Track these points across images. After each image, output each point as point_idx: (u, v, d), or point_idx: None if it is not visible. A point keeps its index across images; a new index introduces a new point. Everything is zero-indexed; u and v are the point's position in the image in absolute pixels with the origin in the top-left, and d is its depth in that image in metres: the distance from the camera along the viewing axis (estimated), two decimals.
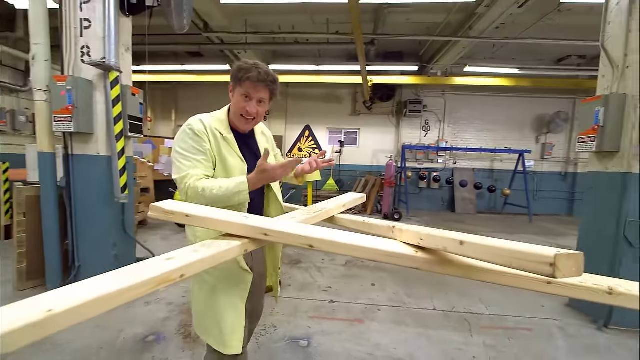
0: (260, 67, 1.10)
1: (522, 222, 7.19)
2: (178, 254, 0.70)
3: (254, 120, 1.18)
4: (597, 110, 2.43)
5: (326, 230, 0.77)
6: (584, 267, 0.50)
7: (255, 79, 1.08)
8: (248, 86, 1.10)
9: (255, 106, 1.14)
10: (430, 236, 0.69)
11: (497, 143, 8.54)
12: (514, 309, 2.67)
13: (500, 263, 0.53)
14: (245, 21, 5.90)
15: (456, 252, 0.62)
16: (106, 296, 0.51)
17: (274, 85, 1.14)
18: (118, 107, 2.60)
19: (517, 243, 0.53)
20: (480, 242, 0.57)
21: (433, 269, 0.69)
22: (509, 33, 5.90)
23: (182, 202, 0.91)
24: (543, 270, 0.46)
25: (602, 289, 0.64)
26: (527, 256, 0.49)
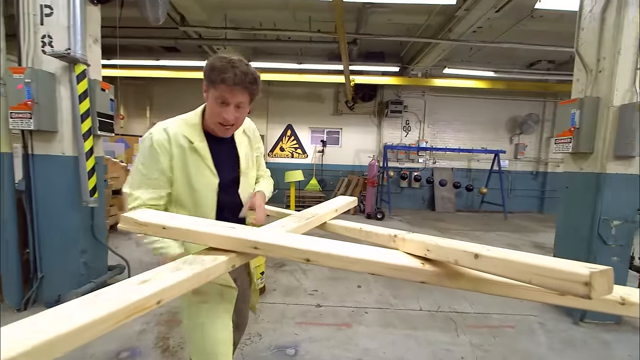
0: (237, 66, 0.94)
1: (497, 220, 7.47)
2: (155, 274, 0.60)
3: (233, 127, 1.04)
4: (573, 112, 2.52)
5: (322, 241, 0.69)
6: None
7: (232, 81, 0.92)
8: (223, 90, 0.94)
9: (232, 112, 0.98)
10: (438, 247, 0.63)
11: (474, 143, 8.83)
12: (496, 306, 2.73)
13: (523, 280, 0.48)
14: (225, 16, 5.69)
15: (470, 266, 0.57)
16: (56, 339, 0.42)
17: (253, 87, 0.98)
18: (85, 103, 2.38)
19: (541, 257, 0.49)
20: (498, 256, 0.52)
21: (442, 282, 0.64)
22: (486, 37, 6.09)
23: (158, 210, 0.80)
24: (576, 290, 0.42)
25: (614, 299, 0.61)
26: (556, 274, 0.44)
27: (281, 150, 9.04)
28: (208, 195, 1.04)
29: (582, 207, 2.56)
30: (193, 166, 1.01)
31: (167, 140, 0.98)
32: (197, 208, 1.04)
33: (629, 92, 2.36)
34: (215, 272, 0.66)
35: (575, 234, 2.61)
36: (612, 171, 2.41)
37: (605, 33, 2.44)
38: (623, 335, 2.35)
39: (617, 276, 2.30)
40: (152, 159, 0.97)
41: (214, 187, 1.04)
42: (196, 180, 1.02)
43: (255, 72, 0.99)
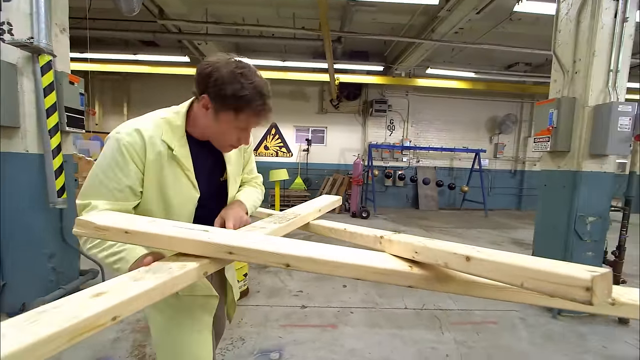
0: (265, 93, 0.81)
1: (478, 217, 7.66)
2: (112, 285, 0.53)
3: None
4: (550, 112, 2.59)
5: (303, 244, 0.64)
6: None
7: (265, 113, 0.83)
8: (250, 121, 0.82)
9: (250, 135, 0.91)
10: (427, 249, 0.59)
11: (456, 142, 9.02)
12: (479, 303, 2.76)
13: (515, 284, 0.44)
14: (206, 10, 5.52)
15: (460, 270, 0.53)
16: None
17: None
18: (52, 96, 2.22)
19: (535, 260, 0.46)
20: (490, 259, 0.48)
21: (432, 286, 0.60)
22: (467, 38, 6.21)
23: (120, 213, 0.72)
24: (576, 296, 0.39)
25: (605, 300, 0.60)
26: (553, 277, 0.41)
27: (265, 149, 8.91)
28: (183, 213, 0.88)
29: (559, 205, 2.63)
30: (170, 177, 0.85)
31: (140, 145, 0.80)
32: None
33: (602, 92, 2.44)
34: (184, 280, 0.59)
35: (553, 231, 2.68)
36: (587, 169, 2.49)
37: (581, 35, 2.51)
38: (597, 327, 2.43)
39: None
40: (117, 166, 0.78)
41: (193, 202, 0.89)
42: (173, 193, 0.85)
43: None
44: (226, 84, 0.77)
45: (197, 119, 0.87)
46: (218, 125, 0.83)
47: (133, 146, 0.79)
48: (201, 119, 0.86)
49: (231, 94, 0.77)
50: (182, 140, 0.87)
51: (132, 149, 0.79)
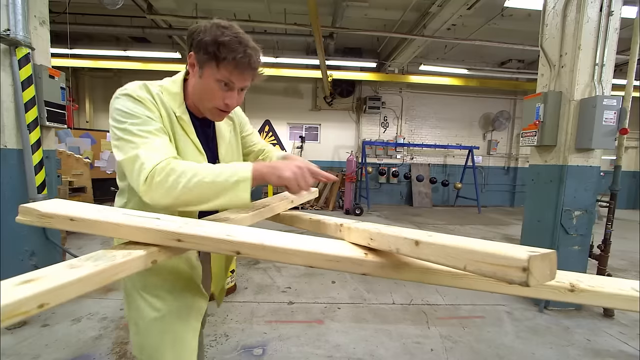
0: (249, 44, 0.77)
1: (472, 214, 7.69)
2: (46, 272, 0.50)
3: (228, 112, 0.88)
4: (537, 106, 2.58)
5: (255, 231, 0.62)
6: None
7: (247, 64, 0.77)
8: (232, 72, 0.77)
9: (237, 97, 0.83)
10: (381, 235, 0.58)
11: (449, 139, 9.04)
12: (467, 297, 2.77)
13: (458, 267, 0.43)
14: (196, 5, 5.45)
15: (411, 255, 0.51)
16: None
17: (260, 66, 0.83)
18: (30, 90, 2.17)
19: (479, 242, 0.44)
20: (437, 242, 0.46)
21: (386, 274, 0.58)
22: (459, 35, 6.21)
23: (66, 200, 0.69)
24: (513, 277, 0.37)
25: (563, 286, 0.58)
26: (491, 258, 0.39)
27: None
28: None
29: (546, 199, 2.64)
30: (179, 139, 0.82)
31: (150, 99, 0.78)
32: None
33: (588, 86, 2.44)
34: (128, 269, 0.56)
35: (540, 225, 2.69)
36: (573, 163, 2.50)
37: (567, 29, 2.50)
38: (582, 321, 2.44)
39: (578, 264, 2.36)
40: (141, 108, 0.75)
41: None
42: (182, 156, 0.81)
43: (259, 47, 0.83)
44: (207, 32, 0.75)
45: (189, 85, 0.86)
46: (202, 83, 0.80)
47: (143, 96, 0.77)
48: (190, 82, 0.85)
49: (211, 40, 0.74)
50: (182, 107, 0.85)
51: (147, 99, 0.77)
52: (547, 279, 0.38)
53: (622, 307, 0.59)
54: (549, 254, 0.38)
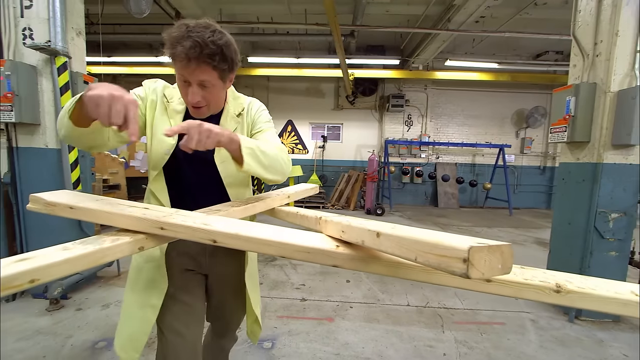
0: (193, 36, 0.74)
1: (502, 216, 7.28)
2: (41, 253, 0.56)
3: (206, 108, 0.89)
4: (568, 99, 2.39)
5: (232, 222, 0.64)
6: (552, 263, 0.40)
7: (184, 55, 0.74)
8: (179, 67, 0.78)
9: (197, 93, 0.82)
10: (350, 228, 0.57)
11: (478, 137, 8.62)
12: (488, 302, 2.63)
13: (409, 258, 0.42)
14: (220, 10, 5.66)
15: (374, 247, 0.51)
16: None
17: (215, 60, 0.77)
18: (67, 95, 2.38)
19: (432, 233, 0.42)
20: (394, 234, 0.46)
21: (356, 266, 0.58)
22: (488, 27, 5.90)
23: (68, 191, 0.76)
24: (454, 268, 0.36)
25: (548, 287, 0.54)
26: (436, 249, 0.38)
27: None
28: (157, 155, 0.91)
29: (578, 200, 2.44)
30: (158, 120, 0.93)
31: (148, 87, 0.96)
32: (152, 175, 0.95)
33: (627, 76, 2.22)
34: (115, 253, 0.61)
35: (570, 229, 2.49)
36: (609, 161, 2.28)
37: (602, 14, 2.29)
38: (620, 334, 2.23)
39: (615, 272, 2.17)
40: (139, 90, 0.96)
41: (167, 147, 0.90)
42: (154, 132, 0.92)
43: (221, 41, 0.78)
44: (164, 35, 0.78)
45: None
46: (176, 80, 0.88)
47: (146, 85, 0.97)
48: None
49: (165, 38, 0.78)
50: (181, 100, 0.94)
51: (146, 86, 0.97)
52: (496, 272, 0.36)
53: (618, 312, 0.54)
54: (499, 246, 0.37)
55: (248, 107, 1.05)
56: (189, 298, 0.98)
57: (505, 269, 0.37)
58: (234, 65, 0.85)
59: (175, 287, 0.96)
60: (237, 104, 1.03)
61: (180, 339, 0.92)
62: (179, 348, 0.91)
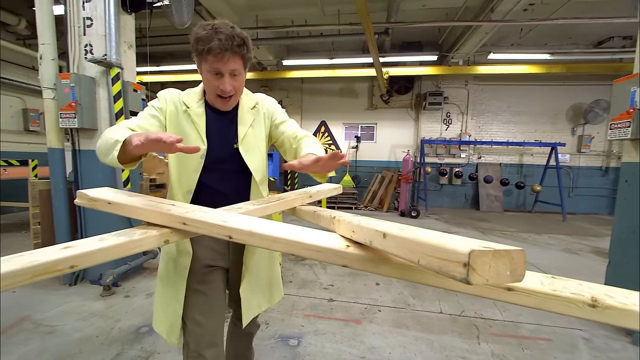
0: (222, 31, 0.87)
1: (554, 222, 6.62)
2: (80, 242, 0.63)
3: (233, 97, 1.00)
4: (633, 90, 2.11)
5: (247, 219, 0.67)
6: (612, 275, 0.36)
7: (219, 49, 0.86)
8: (213, 61, 0.89)
9: (229, 82, 0.93)
10: (360, 227, 0.56)
11: (526, 136, 7.94)
12: (532, 316, 2.41)
13: (413, 260, 0.40)
14: (256, 16, 5.88)
15: (381, 248, 0.49)
16: None
17: (243, 50, 0.91)
18: (119, 102, 2.65)
19: (437, 235, 0.40)
20: (399, 235, 0.44)
21: (365, 267, 0.57)
22: (538, 14, 5.41)
23: (110, 188, 0.84)
24: (455, 273, 0.33)
25: (582, 300, 0.49)
26: (438, 252, 0.35)
27: None
28: (191, 164, 1.00)
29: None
30: (184, 128, 1.00)
31: (164, 97, 1.04)
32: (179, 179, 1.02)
33: None
34: (144, 245, 0.67)
35: (635, 237, 2.18)
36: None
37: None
38: None
39: None
40: (155, 101, 1.04)
41: (200, 154, 0.99)
42: (185, 138, 0.98)
43: (243, 34, 0.93)
44: (194, 37, 0.90)
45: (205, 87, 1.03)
46: (203, 78, 0.97)
47: (162, 95, 1.05)
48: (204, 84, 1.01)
49: (193, 39, 0.90)
50: (199, 103, 1.04)
51: (161, 97, 1.04)
52: (505, 280, 0.33)
53: None
54: (507, 251, 0.34)
55: (261, 101, 1.15)
56: (210, 291, 1.05)
57: (515, 277, 0.34)
58: (251, 57, 0.99)
59: (198, 281, 1.04)
60: (249, 98, 1.12)
61: (200, 328, 0.99)
62: (199, 336, 0.98)
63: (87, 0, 2.57)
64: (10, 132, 6.04)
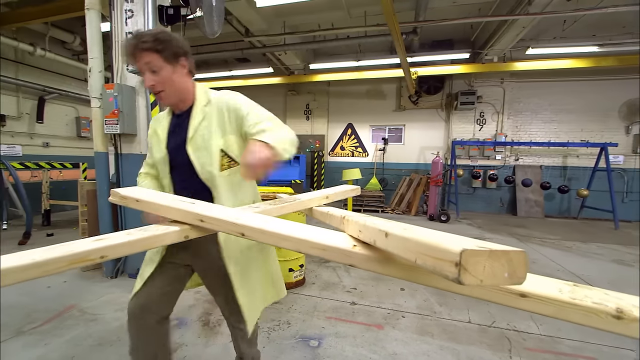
0: (134, 34, 0.99)
1: (604, 229, 6.02)
2: (111, 235, 0.69)
3: (166, 93, 1.04)
4: None
5: (259, 218, 0.69)
6: None
7: (127, 49, 0.99)
8: (132, 63, 1.02)
9: (150, 77, 1.00)
10: (366, 227, 0.56)
11: (571, 135, 7.33)
12: (575, 332, 2.21)
13: (410, 259, 0.39)
14: (284, 22, 6.03)
15: (384, 247, 0.49)
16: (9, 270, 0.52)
17: (156, 44, 0.97)
18: (156, 109, 2.85)
19: (436, 234, 0.39)
20: (400, 234, 0.43)
21: (372, 267, 0.57)
22: (584, 4, 4.99)
23: (140, 187, 0.92)
24: (447, 272, 0.32)
25: (605, 310, 0.45)
26: (433, 251, 0.35)
27: (342, 150, 9.08)
28: (164, 171, 1.15)
29: None
30: (154, 140, 1.18)
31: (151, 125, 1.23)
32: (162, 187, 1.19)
33: None
34: (164, 240, 0.72)
35: None
36: None
37: None
38: None
39: None
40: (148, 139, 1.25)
41: (164, 160, 1.13)
42: (153, 153, 1.17)
43: (154, 31, 1.00)
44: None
45: None
46: None
47: (150, 125, 1.24)
48: None
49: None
50: (169, 111, 1.18)
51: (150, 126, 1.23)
52: (502, 281, 0.32)
53: None
54: (505, 252, 0.32)
55: (219, 98, 1.12)
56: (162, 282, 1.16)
57: (514, 279, 0.32)
58: (177, 49, 1.02)
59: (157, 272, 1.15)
60: (205, 96, 1.14)
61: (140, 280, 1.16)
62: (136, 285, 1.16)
63: (129, 17, 2.80)
64: (65, 138, 6.74)
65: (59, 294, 2.62)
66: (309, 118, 9.06)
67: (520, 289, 0.47)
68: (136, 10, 2.78)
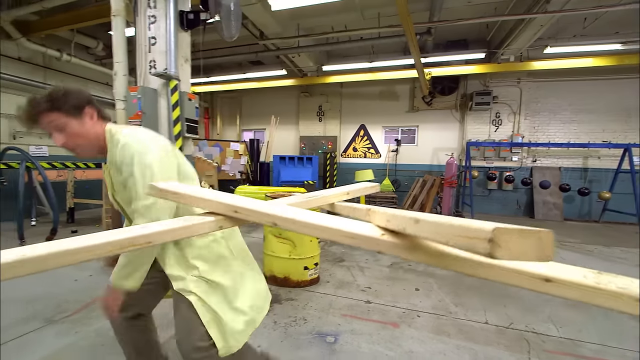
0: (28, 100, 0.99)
1: (628, 233, 5.81)
2: (153, 224, 0.75)
3: (78, 149, 1.07)
4: None
5: (290, 209, 0.73)
6: None
7: (28, 115, 0.99)
8: (33, 125, 1.02)
9: (59, 137, 1.02)
10: (394, 216, 0.60)
11: (592, 136, 7.11)
12: (596, 334, 2.16)
13: (445, 242, 0.42)
14: (298, 25, 6.12)
15: (413, 233, 0.52)
16: (65, 252, 0.58)
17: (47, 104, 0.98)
18: (177, 111, 2.95)
19: (469, 219, 0.42)
20: (432, 220, 0.47)
21: (399, 253, 0.60)
22: (606, 0, 4.85)
23: (178, 184, 0.98)
24: (479, 248, 0.36)
25: (629, 294, 0.47)
26: (467, 231, 0.38)
27: (354, 151, 9.10)
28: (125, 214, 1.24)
29: None
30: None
31: None
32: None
33: None
34: (200, 229, 0.77)
35: None
36: None
37: None
38: None
39: None
40: None
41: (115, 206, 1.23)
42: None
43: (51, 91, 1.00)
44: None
45: None
46: None
47: None
48: None
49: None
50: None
51: None
52: (530, 258, 0.35)
53: None
54: (535, 231, 0.35)
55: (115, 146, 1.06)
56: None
57: (542, 256, 0.35)
58: (75, 100, 1.02)
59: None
60: (113, 140, 1.07)
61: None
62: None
63: (152, 22, 2.92)
64: None
65: (86, 287, 2.75)
66: (321, 119, 9.12)
67: (545, 273, 0.50)
68: (159, 16, 2.89)
